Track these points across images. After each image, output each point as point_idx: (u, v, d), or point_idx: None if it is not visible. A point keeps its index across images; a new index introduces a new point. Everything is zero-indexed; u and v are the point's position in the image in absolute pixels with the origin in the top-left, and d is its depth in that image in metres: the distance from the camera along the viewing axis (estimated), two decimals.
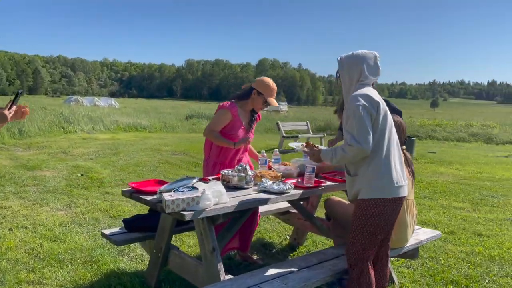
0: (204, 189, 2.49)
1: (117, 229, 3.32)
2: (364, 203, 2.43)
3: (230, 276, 2.58)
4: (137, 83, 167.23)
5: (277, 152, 3.62)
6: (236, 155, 3.49)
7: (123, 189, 2.90)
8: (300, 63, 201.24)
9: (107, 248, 3.89)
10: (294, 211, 3.93)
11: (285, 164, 3.57)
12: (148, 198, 2.67)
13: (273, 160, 3.57)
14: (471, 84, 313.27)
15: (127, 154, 9.80)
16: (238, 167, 3.10)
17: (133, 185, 2.90)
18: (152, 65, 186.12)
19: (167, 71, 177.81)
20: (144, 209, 5.22)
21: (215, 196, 2.51)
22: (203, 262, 2.67)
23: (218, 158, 3.47)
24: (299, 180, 3.12)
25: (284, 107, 52.66)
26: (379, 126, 2.38)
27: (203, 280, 2.67)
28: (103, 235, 3.25)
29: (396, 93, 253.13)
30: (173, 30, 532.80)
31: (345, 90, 2.52)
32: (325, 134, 12.62)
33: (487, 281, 3.38)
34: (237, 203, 2.58)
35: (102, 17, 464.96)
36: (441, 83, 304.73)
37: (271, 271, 2.59)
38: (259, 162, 3.49)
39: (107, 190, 6.26)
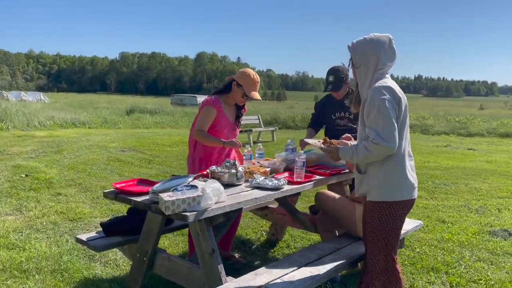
0: (203, 188, 2.33)
1: (93, 234, 3.04)
2: (377, 206, 2.29)
3: (232, 278, 2.45)
4: (67, 77, 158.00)
5: (261, 147, 3.52)
6: (223, 150, 3.34)
7: (105, 191, 2.66)
8: (239, 57, 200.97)
9: (75, 254, 3.58)
10: (273, 206, 3.86)
11: (268, 160, 3.49)
12: (139, 199, 2.46)
13: (257, 155, 3.46)
14: (400, 78, 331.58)
15: (71, 152, 9.18)
16: (226, 163, 2.97)
17: (118, 185, 2.67)
18: (83, 58, 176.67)
19: (100, 64, 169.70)
20: (107, 211, 4.90)
21: (214, 195, 2.36)
22: (200, 264, 2.51)
23: (205, 153, 3.31)
24: (287, 175, 3.05)
25: None
26: (399, 122, 2.22)
27: (201, 284, 2.51)
28: (79, 241, 2.97)
29: None
30: (106, 21, 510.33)
31: (360, 80, 2.33)
32: (277, 128, 12.67)
33: (463, 266, 3.53)
34: (236, 201, 2.45)
35: (26, 6, 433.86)
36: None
37: (274, 271, 2.49)
38: (244, 157, 3.37)
39: (59, 191, 5.80)
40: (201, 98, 46.12)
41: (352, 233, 2.95)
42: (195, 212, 2.23)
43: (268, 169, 3.10)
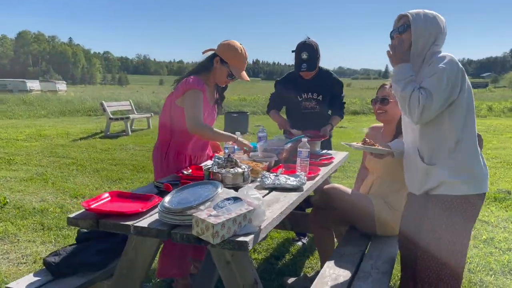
0: (250, 200, 1.69)
1: (31, 278, 2.07)
2: (458, 201, 1.93)
3: None
4: None
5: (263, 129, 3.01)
6: (198, 141, 2.67)
7: (71, 216, 1.78)
8: (70, 37, 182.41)
9: None
10: None
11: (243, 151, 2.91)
12: (142, 223, 1.69)
13: (261, 143, 2.90)
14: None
15: None
16: (217, 159, 2.32)
17: (91, 204, 1.82)
18: None
19: None
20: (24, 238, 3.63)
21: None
22: None
23: (182, 146, 2.60)
24: (284, 169, 2.56)
25: (62, 86, 46.92)
26: (466, 101, 1.92)
27: None
28: None
29: (175, 71, 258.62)
30: None
31: (416, 51, 1.99)
32: (152, 114, 11.62)
33: None
34: (279, 212, 1.87)
35: None
36: None
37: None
38: (226, 151, 2.72)
39: None
40: (32, 83, 40.34)
41: (368, 230, 2.62)
42: (251, 235, 1.59)
43: (266, 164, 2.54)
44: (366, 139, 2.26)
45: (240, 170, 2.22)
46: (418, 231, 2.06)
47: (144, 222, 1.73)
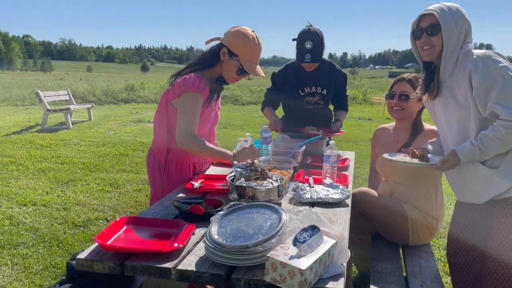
0: (325, 230, 1.34)
1: None
2: None
3: None
4: None
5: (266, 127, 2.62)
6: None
7: (82, 257, 1.32)
8: None
9: None
10: None
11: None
12: (192, 266, 1.28)
13: (270, 146, 2.52)
14: (173, 49, 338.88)
15: None
16: (239, 168, 1.94)
17: (109, 240, 1.37)
18: None
19: None
20: None
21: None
22: None
23: (183, 153, 2.15)
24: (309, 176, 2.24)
25: None
26: None
27: None
28: None
29: (104, 57, 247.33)
30: None
31: (449, 49, 1.80)
32: (94, 105, 10.65)
33: None
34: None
35: None
36: (147, 47, 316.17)
37: None
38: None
39: None
40: None
41: (398, 238, 2.37)
42: (341, 278, 1.24)
43: (292, 172, 2.19)
44: (413, 150, 1.98)
45: (274, 183, 1.85)
46: (484, 239, 1.88)
47: (187, 264, 1.31)
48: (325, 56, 3.00)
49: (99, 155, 6.62)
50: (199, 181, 2.15)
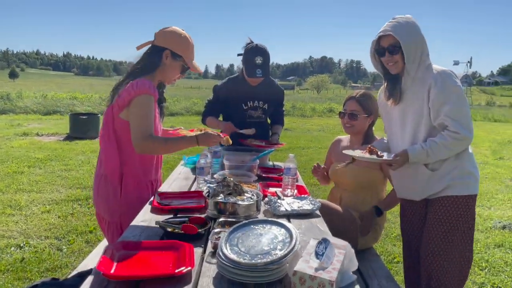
0: (329, 241, 1.41)
1: None
2: (463, 200, 2.03)
3: None
4: None
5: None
6: (152, 158, 2.20)
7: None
8: None
9: None
10: None
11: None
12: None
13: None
14: (47, 54, 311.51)
15: None
16: (210, 184, 1.94)
17: (111, 269, 1.28)
18: None
19: None
20: None
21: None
22: None
23: (143, 168, 2.11)
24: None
25: None
26: None
27: None
28: None
29: None
30: None
31: (412, 65, 2.00)
32: None
33: None
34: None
35: None
36: (15, 52, 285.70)
37: None
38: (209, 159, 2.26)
39: None
40: None
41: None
42: (357, 286, 1.32)
43: (254, 184, 2.22)
44: (372, 147, 2.16)
45: (253, 198, 1.88)
46: (420, 234, 2.21)
47: (205, 285, 1.27)
48: None
49: None
50: (170, 201, 2.07)
